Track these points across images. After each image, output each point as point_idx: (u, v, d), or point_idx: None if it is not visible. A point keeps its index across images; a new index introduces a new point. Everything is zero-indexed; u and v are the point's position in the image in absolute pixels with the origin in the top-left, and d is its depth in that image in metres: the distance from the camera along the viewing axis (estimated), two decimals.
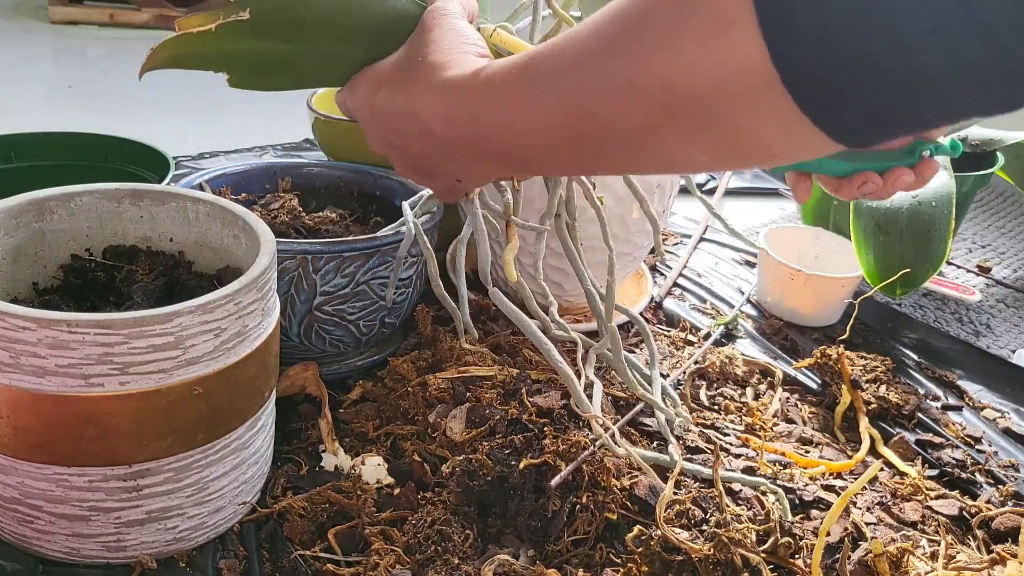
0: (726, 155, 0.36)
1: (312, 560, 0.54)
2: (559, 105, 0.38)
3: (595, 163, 0.42)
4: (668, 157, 0.38)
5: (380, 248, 0.66)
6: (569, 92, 0.37)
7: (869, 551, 0.54)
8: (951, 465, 0.69)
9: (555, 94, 0.37)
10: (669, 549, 0.53)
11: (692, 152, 0.36)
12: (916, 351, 0.88)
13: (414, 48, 0.48)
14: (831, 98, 0.30)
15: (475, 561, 0.53)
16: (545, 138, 0.39)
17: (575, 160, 0.42)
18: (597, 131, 0.37)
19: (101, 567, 0.52)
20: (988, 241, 1.23)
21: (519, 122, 0.40)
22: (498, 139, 0.42)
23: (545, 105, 0.38)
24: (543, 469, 0.57)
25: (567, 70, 0.37)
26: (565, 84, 0.37)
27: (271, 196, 0.77)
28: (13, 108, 1.44)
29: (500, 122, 0.41)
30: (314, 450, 0.64)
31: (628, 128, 0.36)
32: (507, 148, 0.42)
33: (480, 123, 0.42)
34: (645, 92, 0.34)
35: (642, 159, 0.39)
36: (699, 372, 0.79)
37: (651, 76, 0.33)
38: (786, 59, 0.29)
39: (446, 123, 0.44)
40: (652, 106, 0.34)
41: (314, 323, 0.67)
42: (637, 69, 0.34)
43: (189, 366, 0.48)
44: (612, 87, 0.35)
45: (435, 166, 0.48)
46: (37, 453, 0.47)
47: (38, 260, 0.58)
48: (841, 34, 0.28)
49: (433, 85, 0.44)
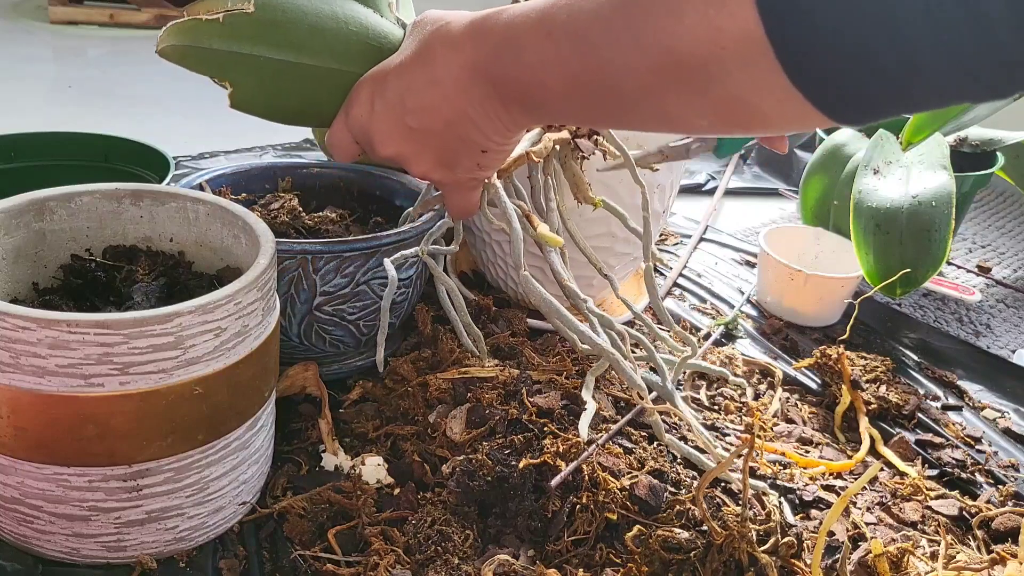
0: (723, 121, 0.37)
1: (312, 560, 0.54)
2: (574, 55, 0.39)
3: (605, 117, 0.44)
4: (670, 117, 0.39)
5: (380, 248, 0.66)
6: (583, 44, 0.38)
7: (869, 551, 0.54)
8: (951, 465, 0.69)
9: (570, 44, 0.39)
10: (669, 548, 0.53)
11: (690, 115, 0.38)
12: (916, 351, 0.88)
13: (412, 35, 0.49)
14: (820, 74, 0.30)
15: (475, 561, 0.53)
16: (561, 86, 0.41)
17: (587, 111, 0.43)
18: (606, 84, 0.39)
19: (101, 567, 0.52)
20: (988, 241, 1.23)
21: (538, 68, 0.41)
22: (519, 84, 0.43)
23: (561, 54, 0.40)
24: (543, 469, 0.57)
25: (582, 23, 0.38)
26: (579, 36, 0.39)
27: (271, 196, 0.77)
28: (13, 108, 1.44)
29: (521, 65, 0.42)
30: (314, 450, 0.64)
31: (632, 85, 0.37)
32: (527, 93, 0.43)
33: (502, 66, 0.43)
34: (649, 52, 0.35)
35: (647, 117, 0.40)
36: (699, 372, 0.79)
37: (654, 38, 0.35)
38: (778, 32, 0.30)
39: (468, 72, 0.45)
40: (654, 67, 0.35)
41: (314, 323, 0.67)
42: (643, 29, 0.35)
43: (189, 366, 0.48)
44: (621, 44, 0.36)
45: (459, 143, 0.49)
46: (37, 453, 0.47)
47: (38, 260, 0.58)
48: (832, 11, 0.29)
49: (448, 39, 0.46)
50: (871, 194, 0.89)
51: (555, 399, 0.65)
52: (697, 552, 0.52)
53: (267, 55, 0.51)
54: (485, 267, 0.87)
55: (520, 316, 0.80)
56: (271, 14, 0.50)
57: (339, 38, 0.53)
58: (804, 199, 1.06)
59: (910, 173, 0.91)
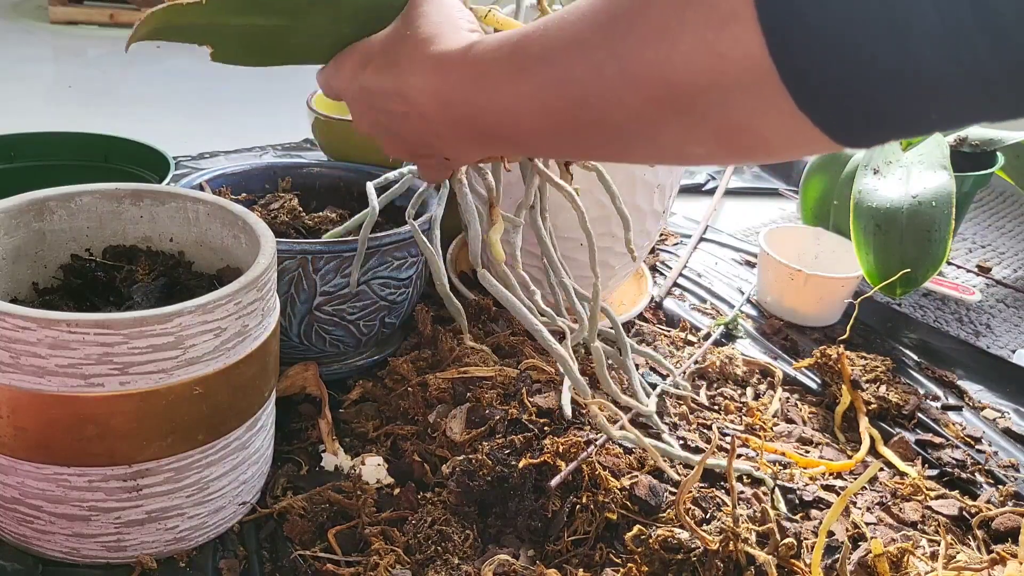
0: (723, 149, 0.35)
1: (312, 560, 0.54)
2: (550, 91, 0.36)
3: (588, 150, 0.41)
4: (663, 148, 0.37)
5: (380, 248, 0.66)
6: (560, 78, 0.36)
7: (869, 551, 0.54)
8: (951, 465, 0.69)
9: (546, 79, 0.36)
10: (669, 548, 0.53)
11: (687, 145, 0.35)
12: (916, 351, 0.88)
13: (403, 22, 0.47)
14: (831, 98, 0.29)
15: (475, 561, 0.53)
16: (537, 123, 0.38)
17: (567, 146, 0.41)
18: (589, 119, 0.36)
19: (101, 567, 0.52)
20: (988, 241, 1.23)
21: (511, 105, 0.39)
22: (490, 121, 0.40)
23: (536, 90, 0.37)
24: (543, 469, 0.57)
25: (559, 55, 0.36)
26: (557, 70, 0.36)
27: (271, 196, 0.77)
28: (13, 108, 1.44)
29: (491, 103, 0.40)
30: (314, 450, 0.64)
31: (621, 118, 0.35)
32: (499, 130, 0.41)
33: (471, 103, 0.41)
34: (639, 82, 0.33)
35: (636, 149, 0.38)
36: (699, 372, 0.79)
37: (646, 67, 0.32)
38: (785, 55, 0.28)
39: (436, 102, 0.42)
40: (646, 97, 0.33)
41: (314, 323, 0.67)
42: (631, 59, 0.33)
43: (189, 366, 0.48)
44: (605, 76, 0.34)
45: (424, 146, 0.47)
46: (37, 453, 0.47)
47: (38, 260, 0.58)
48: (843, 30, 0.27)
49: (423, 61, 0.43)
50: (871, 194, 0.89)
51: (555, 399, 0.65)
52: (697, 552, 0.52)
53: (258, 22, 0.48)
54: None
55: None
56: None
57: None
58: (804, 199, 1.06)
59: (910, 173, 0.91)
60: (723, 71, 0.30)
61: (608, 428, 0.59)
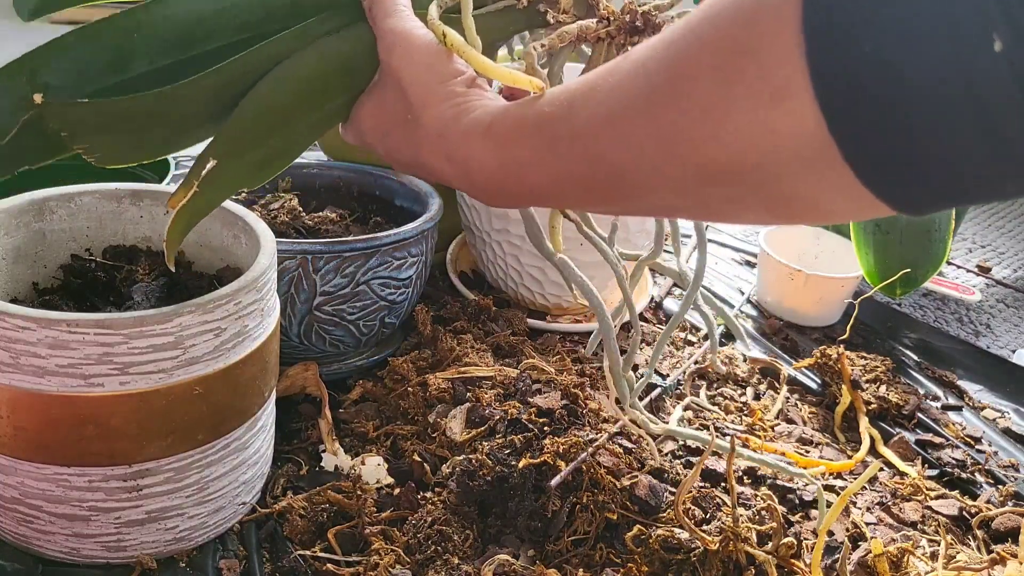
0: (773, 215, 0.33)
1: (312, 560, 0.54)
2: (584, 165, 0.35)
3: (628, 210, 0.39)
4: (715, 213, 0.35)
5: (380, 248, 0.66)
6: (595, 153, 0.34)
7: (869, 551, 0.54)
8: (951, 465, 0.69)
9: (579, 155, 0.35)
10: (669, 548, 0.53)
11: (735, 212, 0.34)
12: (916, 351, 0.88)
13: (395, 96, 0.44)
14: (899, 174, 0.27)
15: (475, 561, 0.53)
16: (573, 194, 0.37)
17: (606, 207, 0.39)
18: (628, 190, 0.34)
19: (101, 567, 0.52)
20: (988, 241, 1.23)
21: (541, 181, 0.37)
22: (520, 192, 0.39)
23: (569, 167, 0.35)
24: (543, 469, 0.57)
25: (593, 132, 0.34)
26: (591, 146, 0.34)
27: (271, 196, 0.77)
28: None
29: (521, 180, 0.38)
30: (314, 450, 0.64)
31: (663, 189, 0.33)
32: (533, 199, 0.40)
33: (499, 179, 0.39)
34: (683, 161, 0.31)
35: (679, 213, 0.37)
36: (699, 372, 0.79)
37: (691, 146, 0.30)
38: (846, 131, 0.26)
39: (465, 179, 0.41)
40: (691, 174, 0.31)
41: (314, 323, 0.67)
42: (674, 138, 0.30)
43: (189, 366, 0.48)
44: (646, 154, 0.32)
45: None
46: (37, 453, 0.47)
47: (38, 260, 0.58)
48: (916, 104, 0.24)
49: (438, 151, 0.41)
50: None
51: (555, 399, 0.65)
52: (697, 552, 0.52)
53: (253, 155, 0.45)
54: (485, 267, 0.87)
55: (520, 316, 0.80)
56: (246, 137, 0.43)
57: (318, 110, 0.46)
58: None
59: None
60: (776, 146, 0.28)
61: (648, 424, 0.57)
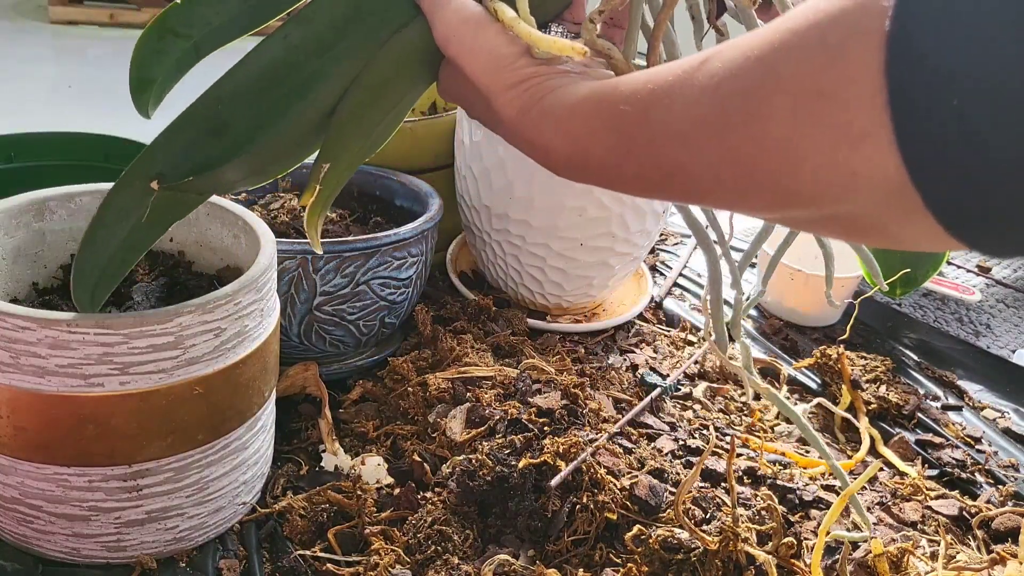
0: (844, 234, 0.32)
1: (312, 560, 0.54)
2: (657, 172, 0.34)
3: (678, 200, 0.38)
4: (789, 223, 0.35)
5: (380, 248, 0.66)
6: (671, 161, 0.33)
7: (869, 551, 0.54)
8: (951, 465, 0.69)
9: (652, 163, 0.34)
10: (669, 548, 0.53)
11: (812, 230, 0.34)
12: (916, 351, 0.88)
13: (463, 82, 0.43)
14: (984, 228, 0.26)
15: (475, 561, 0.53)
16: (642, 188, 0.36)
17: (666, 199, 0.39)
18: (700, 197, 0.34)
19: (101, 567, 0.52)
20: None
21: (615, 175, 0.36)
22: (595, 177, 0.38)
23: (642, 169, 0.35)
24: (543, 469, 0.57)
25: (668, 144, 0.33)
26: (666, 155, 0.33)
27: (271, 196, 0.77)
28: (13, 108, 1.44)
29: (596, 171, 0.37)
30: (314, 450, 0.64)
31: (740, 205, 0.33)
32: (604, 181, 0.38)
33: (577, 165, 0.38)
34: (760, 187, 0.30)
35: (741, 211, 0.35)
36: (699, 372, 0.79)
37: (767, 175, 0.29)
38: (930, 181, 0.25)
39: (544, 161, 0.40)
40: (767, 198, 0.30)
41: (314, 323, 0.67)
42: (751, 167, 0.30)
43: (189, 366, 0.48)
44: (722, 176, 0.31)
45: None
46: (37, 453, 0.47)
47: (38, 260, 0.58)
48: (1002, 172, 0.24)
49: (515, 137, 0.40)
50: None
51: (555, 399, 0.65)
52: (697, 552, 0.52)
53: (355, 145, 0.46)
54: (485, 267, 0.87)
55: (520, 316, 0.80)
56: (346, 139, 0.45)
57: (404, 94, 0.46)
58: None
59: None
60: (857, 187, 0.27)
61: None
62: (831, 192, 0.28)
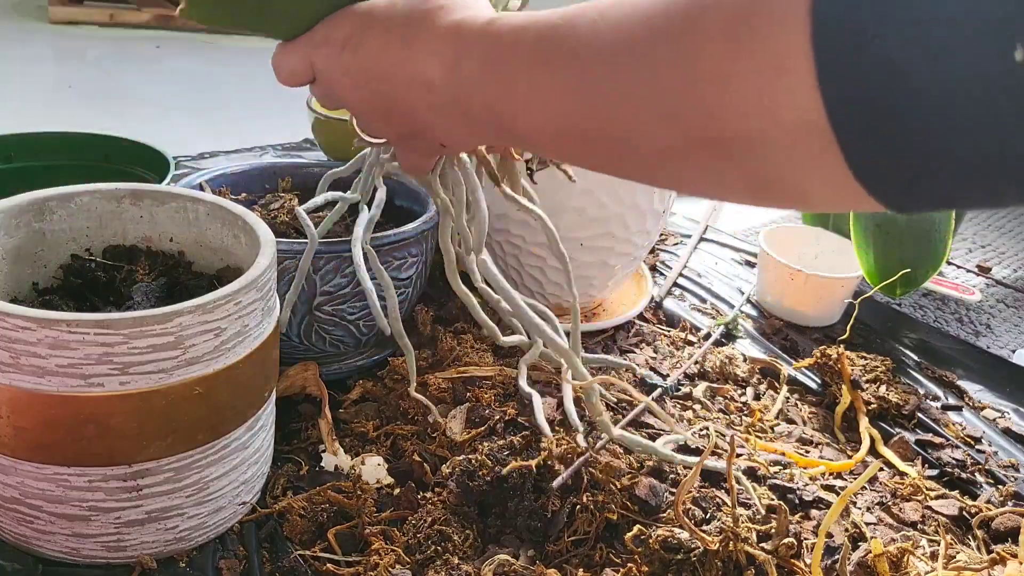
0: (752, 194, 0.32)
1: (312, 560, 0.54)
2: (573, 98, 0.33)
3: (596, 164, 0.37)
4: (688, 184, 0.34)
5: (380, 248, 0.66)
6: (587, 88, 0.32)
7: (869, 551, 0.54)
8: (951, 465, 0.69)
9: (570, 82, 0.33)
10: (669, 548, 0.53)
11: (716, 186, 0.33)
12: (916, 351, 0.88)
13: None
14: (895, 173, 0.26)
15: (475, 561, 0.53)
16: (552, 123, 0.35)
17: (575, 154, 0.37)
18: (609, 137, 0.33)
19: (101, 567, 0.52)
20: (988, 241, 1.24)
21: (523, 95, 0.35)
22: (501, 108, 0.37)
23: (557, 89, 0.33)
24: (543, 469, 0.57)
25: (590, 64, 0.32)
26: (585, 78, 0.32)
27: (271, 196, 0.77)
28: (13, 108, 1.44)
29: (503, 88, 0.36)
30: (314, 450, 0.64)
31: (646, 146, 0.32)
32: (509, 120, 0.37)
33: (483, 82, 0.37)
34: (678, 121, 0.30)
35: (657, 178, 0.35)
36: (699, 372, 0.79)
37: (689, 107, 0.29)
38: (845, 123, 0.25)
39: (444, 71, 0.38)
40: (682, 136, 0.30)
41: (314, 323, 0.67)
42: (673, 97, 0.29)
43: (189, 366, 0.48)
44: (641, 104, 0.31)
45: (419, 124, 0.42)
46: (37, 453, 0.47)
47: (38, 260, 0.58)
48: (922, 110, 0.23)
49: (440, 28, 0.39)
50: None
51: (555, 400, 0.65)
52: (697, 552, 0.52)
53: None
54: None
55: None
56: None
57: None
58: None
59: None
60: (773, 126, 0.27)
61: (609, 427, 0.59)
62: (747, 128, 0.28)
